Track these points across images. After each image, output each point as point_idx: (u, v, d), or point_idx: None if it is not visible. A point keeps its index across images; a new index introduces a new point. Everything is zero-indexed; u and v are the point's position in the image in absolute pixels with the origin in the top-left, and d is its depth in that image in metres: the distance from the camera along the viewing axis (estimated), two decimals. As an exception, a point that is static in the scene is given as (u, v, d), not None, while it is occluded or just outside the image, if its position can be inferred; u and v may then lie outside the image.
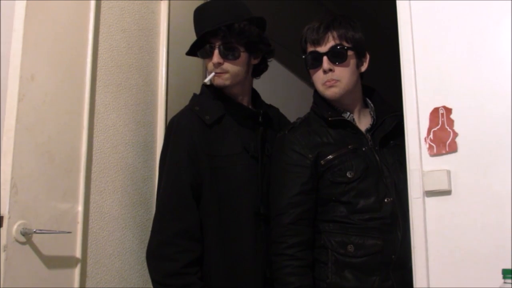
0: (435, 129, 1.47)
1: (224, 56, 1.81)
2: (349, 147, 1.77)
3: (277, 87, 2.96)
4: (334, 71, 1.76)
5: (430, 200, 1.45)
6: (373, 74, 1.96)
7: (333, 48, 1.76)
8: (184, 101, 1.96)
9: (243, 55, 1.84)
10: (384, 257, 1.69)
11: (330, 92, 1.78)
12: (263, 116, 1.91)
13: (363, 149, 1.78)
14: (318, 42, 1.77)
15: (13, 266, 1.51)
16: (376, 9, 3.71)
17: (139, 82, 2.02)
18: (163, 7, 2.15)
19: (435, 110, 1.47)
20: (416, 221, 1.45)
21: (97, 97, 1.84)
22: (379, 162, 1.77)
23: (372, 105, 1.91)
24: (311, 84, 1.87)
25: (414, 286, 1.44)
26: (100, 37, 1.87)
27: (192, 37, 1.91)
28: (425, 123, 1.48)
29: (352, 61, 1.79)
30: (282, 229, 1.73)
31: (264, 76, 2.01)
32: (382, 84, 2.46)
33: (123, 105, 1.94)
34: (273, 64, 2.07)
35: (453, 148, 1.44)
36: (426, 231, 1.44)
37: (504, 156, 1.37)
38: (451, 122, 1.45)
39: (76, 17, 1.80)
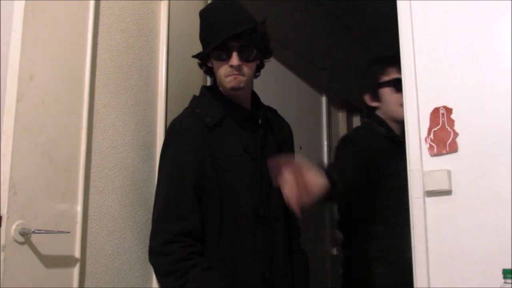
0: (436, 129, 1.46)
1: (244, 59, 1.81)
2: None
3: (277, 86, 2.95)
4: None
5: (430, 200, 1.45)
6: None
7: None
8: (184, 101, 1.96)
9: (256, 58, 1.85)
10: None
11: None
12: (262, 118, 1.91)
13: None
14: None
15: (12, 266, 1.50)
16: (376, 9, 3.70)
17: (139, 82, 2.02)
18: (163, 7, 2.15)
19: (436, 110, 1.47)
20: (416, 221, 1.45)
21: (96, 97, 1.83)
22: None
23: None
24: (311, 84, 1.85)
25: (415, 286, 1.44)
26: (100, 37, 1.87)
27: (192, 38, 1.90)
28: (425, 123, 1.48)
29: None
30: None
31: (264, 75, 2.01)
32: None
33: (123, 105, 1.94)
34: (273, 63, 2.06)
35: (453, 148, 1.43)
36: (426, 231, 1.43)
37: (504, 156, 1.37)
38: (451, 122, 1.44)
39: (76, 17, 1.79)
